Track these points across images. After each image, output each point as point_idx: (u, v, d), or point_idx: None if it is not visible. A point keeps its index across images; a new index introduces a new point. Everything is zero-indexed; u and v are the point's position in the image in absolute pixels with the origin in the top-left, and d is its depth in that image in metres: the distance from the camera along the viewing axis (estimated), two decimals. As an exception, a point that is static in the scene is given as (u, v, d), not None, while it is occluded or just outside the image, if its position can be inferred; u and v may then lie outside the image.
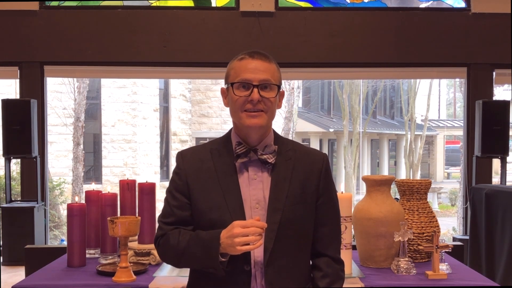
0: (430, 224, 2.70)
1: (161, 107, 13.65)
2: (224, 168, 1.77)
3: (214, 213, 1.74)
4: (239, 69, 1.76)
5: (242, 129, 1.78)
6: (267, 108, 1.75)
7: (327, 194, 1.83)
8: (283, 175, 1.77)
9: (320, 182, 1.82)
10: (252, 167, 1.78)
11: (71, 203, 2.65)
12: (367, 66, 6.66)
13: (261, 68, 1.75)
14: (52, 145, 11.64)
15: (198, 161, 1.80)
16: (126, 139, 12.74)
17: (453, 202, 15.83)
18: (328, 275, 1.81)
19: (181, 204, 1.79)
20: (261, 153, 1.77)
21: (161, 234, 1.80)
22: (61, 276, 2.47)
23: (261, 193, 1.76)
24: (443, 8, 6.61)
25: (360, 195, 15.14)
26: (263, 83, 1.74)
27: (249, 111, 1.74)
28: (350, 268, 2.47)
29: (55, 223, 10.59)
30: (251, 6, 6.37)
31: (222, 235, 1.67)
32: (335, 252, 1.85)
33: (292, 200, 1.76)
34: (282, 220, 1.73)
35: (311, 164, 1.82)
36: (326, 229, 1.83)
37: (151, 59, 6.45)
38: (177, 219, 1.79)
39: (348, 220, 2.45)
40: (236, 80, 1.75)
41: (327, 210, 1.83)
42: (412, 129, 16.62)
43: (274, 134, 1.84)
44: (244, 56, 1.78)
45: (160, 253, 1.83)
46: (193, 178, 1.79)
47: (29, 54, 6.38)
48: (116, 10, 6.45)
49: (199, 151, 1.85)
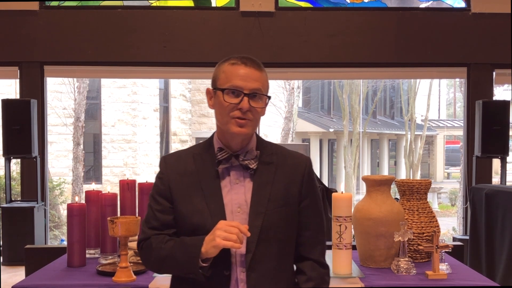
0: (430, 224, 2.70)
1: (161, 107, 13.64)
2: (206, 173, 1.77)
3: (195, 218, 1.73)
4: (230, 74, 1.72)
5: (226, 134, 1.76)
6: (254, 118, 1.73)
7: (310, 198, 1.81)
8: (265, 179, 1.76)
9: (303, 186, 1.80)
10: (234, 172, 1.77)
11: (71, 203, 2.66)
12: (367, 66, 6.66)
13: (252, 76, 1.72)
14: (52, 145, 11.64)
15: (181, 166, 1.79)
16: (126, 139, 12.73)
17: (453, 202, 15.82)
18: (312, 278, 1.79)
19: (163, 208, 1.79)
20: (242, 159, 1.75)
21: (144, 238, 1.79)
22: (61, 276, 2.47)
23: (243, 197, 1.75)
24: (443, 8, 6.61)
25: (360, 195, 15.13)
26: (254, 93, 1.72)
27: (237, 119, 1.71)
28: (350, 268, 2.48)
29: (55, 223, 10.59)
30: (251, 6, 6.38)
31: (206, 237, 1.67)
32: (319, 256, 1.82)
33: (275, 204, 1.74)
34: (264, 224, 1.72)
35: (294, 168, 1.80)
36: (310, 233, 1.81)
37: (151, 59, 6.45)
38: (160, 223, 1.78)
39: (348, 220, 2.45)
40: (227, 85, 1.71)
41: (310, 214, 1.81)
42: (412, 129, 16.61)
43: (257, 138, 1.83)
44: (236, 62, 1.73)
45: (143, 257, 1.82)
46: (176, 183, 1.78)
47: (29, 54, 6.38)
48: (116, 10, 6.45)
49: (182, 156, 1.83)
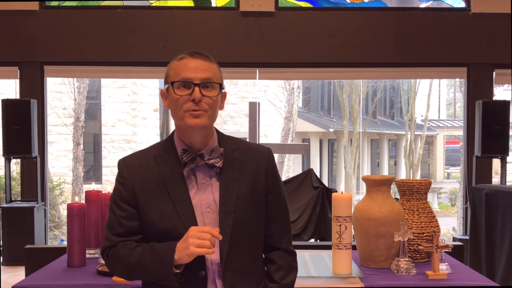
0: (430, 224, 2.70)
1: (161, 107, 13.61)
2: (171, 176, 1.73)
3: (165, 223, 1.71)
4: (179, 69, 1.72)
5: (184, 131, 1.75)
6: (209, 107, 1.72)
7: (275, 190, 1.84)
8: (231, 176, 1.76)
9: (268, 180, 1.82)
10: (199, 172, 1.75)
11: (71, 203, 2.66)
12: (367, 66, 6.66)
13: (201, 67, 1.72)
14: (52, 145, 11.63)
15: (143, 170, 1.75)
16: (126, 139, 12.73)
17: (453, 202, 15.81)
18: (282, 267, 1.84)
19: (129, 214, 1.74)
20: (208, 158, 1.74)
21: (110, 245, 1.74)
22: (61, 276, 2.47)
23: (211, 197, 1.74)
24: (443, 8, 6.61)
25: (360, 195, 15.13)
26: (205, 82, 1.71)
27: (191, 110, 1.70)
28: (350, 268, 2.48)
29: (55, 223, 10.58)
30: (251, 6, 6.38)
31: (178, 244, 1.66)
32: (287, 244, 1.87)
33: (243, 201, 1.75)
34: (234, 222, 1.73)
35: (257, 161, 1.81)
36: (277, 224, 1.85)
37: (151, 59, 6.45)
38: (126, 230, 1.74)
39: (348, 220, 2.45)
40: (177, 79, 1.71)
41: (277, 205, 1.85)
42: (412, 129, 16.60)
43: (217, 134, 1.83)
44: (184, 56, 1.75)
45: (109, 265, 1.78)
46: (140, 187, 1.74)
47: (29, 54, 6.38)
48: (116, 10, 6.45)
49: (142, 158, 1.79)
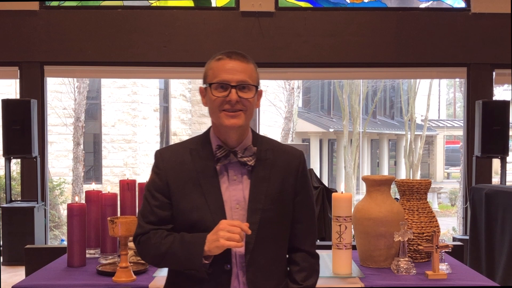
0: (430, 224, 2.70)
1: (161, 107, 13.63)
2: (204, 170, 1.80)
3: (194, 214, 1.76)
4: (217, 70, 1.78)
5: (220, 129, 1.81)
6: (246, 108, 1.77)
7: (304, 192, 1.88)
8: (261, 175, 1.81)
9: (297, 181, 1.86)
10: (231, 169, 1.81)
11: (71, 203, 2.66)
12: (367, 66, 6.66)
13: (238, 68, 1.77)
14: (52, 145, 11.63)
15: (178, 162, 1.82)
16: (126, 139, 12.73)
17: (453, 202, 15.82)
18: (304, 269, 1.87)
19: (161, 204, 1.80)
20: (241, 156, 1.79)
21: (142, 232, 1.81)
22: (61, 276, 2.47)
23: (241, 194, 1.79)
24: (443, 8, 6.61)
25: (360, 195, 15.14)
26: (241, 84, 1.76)
27: (228, 111, 1.76)
28: (350, 268, 2.48)
29: (55, 223, 10.58)
30: (251, 6, 6.38)
31: (208, 236, 1.70)
32: (310, 246, 1.90)
33: (271, 200, 1.80)
34: (261, 220, 1.77)
35: (288, 163, 1.86)
36: (303, 225, 1.88)
37: (151, 59, 6.45)
38: (158, 218, 1.80)
39: (348, 220, 2.45)
40: (214, 80, 1.77)
41: (304, 207, 1.89)
42: (412, 129, 16.60)
43: (252, 133, 1.87)
44: (221, 57, 1.80)
45: (140, 251, 1.84)
46: (174, 178, 1.80)
47: (29, 54, 6.38)
48: (116, 10, 6.45)
49: (178, 151, 1.85)
